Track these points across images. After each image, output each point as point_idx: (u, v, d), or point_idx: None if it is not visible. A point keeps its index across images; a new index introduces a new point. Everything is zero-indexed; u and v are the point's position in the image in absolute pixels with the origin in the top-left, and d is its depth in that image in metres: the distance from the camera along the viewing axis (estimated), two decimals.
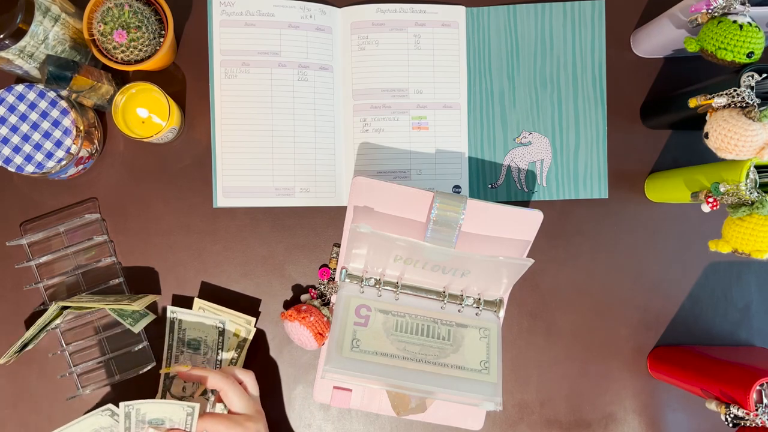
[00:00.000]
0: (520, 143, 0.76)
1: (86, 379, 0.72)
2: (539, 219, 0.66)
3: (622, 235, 0.77)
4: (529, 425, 0.75)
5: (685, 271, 0.77)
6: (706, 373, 0.66)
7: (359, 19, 0.75)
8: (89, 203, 0.73)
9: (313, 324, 0.67)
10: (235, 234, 0.74)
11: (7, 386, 0.72)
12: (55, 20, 0.63)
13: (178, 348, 0.69)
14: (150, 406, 0.58)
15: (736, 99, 0.57)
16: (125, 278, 0.72)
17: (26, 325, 0.72)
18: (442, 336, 0.67)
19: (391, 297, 0.68)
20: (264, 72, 0.74)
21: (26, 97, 0.65)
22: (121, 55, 0.65)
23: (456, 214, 0.64)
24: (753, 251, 0.57)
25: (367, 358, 0.64)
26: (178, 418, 0.59)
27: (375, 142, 0.75)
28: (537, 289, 0.76)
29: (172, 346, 0.69)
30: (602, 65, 0.76)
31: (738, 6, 0.57)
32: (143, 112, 0.68)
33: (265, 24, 0.74)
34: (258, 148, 0.74)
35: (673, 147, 0.77)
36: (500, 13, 0.76)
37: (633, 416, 0.76)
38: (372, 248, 0.65)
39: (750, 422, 0.58)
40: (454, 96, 0.76)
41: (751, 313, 0.77)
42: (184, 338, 0.68)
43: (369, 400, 0.71)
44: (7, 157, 0.64)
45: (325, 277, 0.74)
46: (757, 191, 0.58)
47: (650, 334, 0.76)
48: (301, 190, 0.74)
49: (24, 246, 0.72)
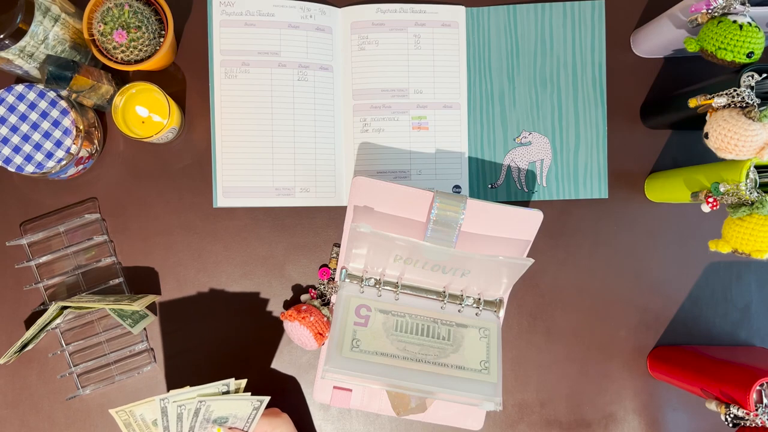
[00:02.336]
0: (520, 143, 0.76)
1: (86, 379, 0.72)
2: (539, 219, 0.66)
3: (621, 235, 0.77)
4: (529, 425, 0.75)
5: (685, 271, 0.77)
6: (706, 373, 0.66)
7: (359, 19, 0.75)
8: (89, 203, 0.73)
9: (313, 324, 0.67)
10: (235, 234, 0.74)
11: (7, 386, 0.72)
12: (55, 20, 0.63)
13: (201, 426, 0.62)
14: (219, 402, 0.59)
15: (736, 99, 0.57)
16: (125, 278, 0.72)
17: (26, 325, 0.72)
18: (442, 336, 0.67)
19: (391, 297, 0.68)
20: (264, 72, 0.74)
21: (26, 97, 0.65)
22: (121, 55, 0.65)
23: (456, 213, 0.64)
24: (753, 251, 0.57)
25: (367, 358, 0.64)
26: (243, 413, 0.60)
27: (375, 142, 0.75)
28: (537, 289, 0.76)
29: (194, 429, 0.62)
30: (602, 65, 0.76)
31: (738, 6, 0.57)
32: (143, 111, 0.68)
33: (265, 24, 0.74)
34: (258, 148, 0.74)
35: (673, 147, 0.77)
36: (500, 13, 0.76)
37: (633, 416, 0.76)
38: (372, 248, 0.65)
39: (750, 422, 0.58)
40: (454, 96, 0.76)
41: (751, 313, 0.77)
42: (209, 417, 0.61)
43: (369, 400, 0.71)
44: (7, 157, 0.64)
45: (325, 277, 0.74)
46: (757, 191, 0.58)
47: (650, 334, 0.76)
48: (301, 190, 0.74)
49: (24, 246, 0.72)
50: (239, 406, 0.60)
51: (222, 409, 0.60)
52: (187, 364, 0.73)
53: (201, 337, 0.73)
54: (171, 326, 0.73)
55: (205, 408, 0.59)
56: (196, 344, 0.73)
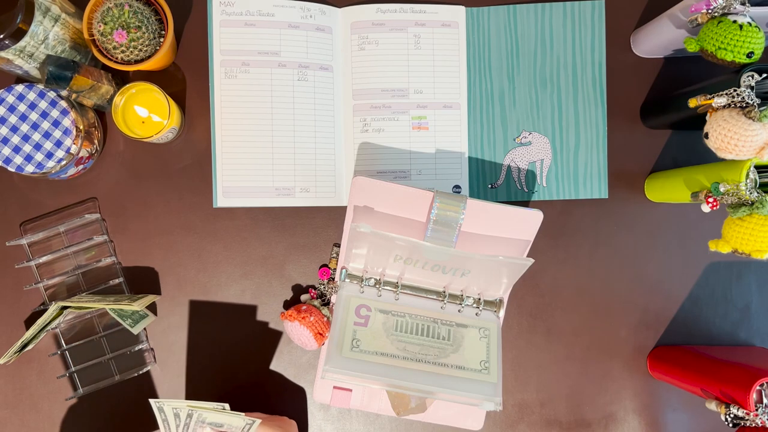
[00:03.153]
0: (520, 143, 0.76)
1: (86, 380, 0.72)
2: (539, 219, 0.66)
3: (622, 235, 0.77)
4: (529, 425, 0.75)
5: (685, 271, 0.77)
6: (706, 373, 0.66)
7: (359, 19, 0.75)
8: (89, 203, 0.73)
9: (313, 324, 0.67)
10: (235, 234, 0.74)
11: (7, 386, 0.72)
12: (55, 20, 0.63)
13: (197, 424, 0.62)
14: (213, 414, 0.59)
15: (736, 99, 0.57)
16: (125, 278, 0.72)
17: (26, 325, 0.72)
18: (442, 336, 0.67)
19: (391, 297, 0.68)
20: (264, 72, 0.74)
21: (26, 97, 0.65)
22: (121, 55, 0.65)
23: (456, 213, 0.64)
24: (753, 251, 0.57)
25: (367, 358, 0.64)
26: (237, 424, 0.60)
27: (375, 142, 0.75)
28: (537, 289, 0.76)
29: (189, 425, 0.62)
30: (602, 65, 0.76)
31: (738, 6, 0.57)
32: (143, 112, 0.68)
33: (265, 24, 0.74)
34: (258, 148, 0.74)
35: (673, 147, 0.77)
36: (500, 13, 0.76)
37: (633, 416, 0.76)
38: (372, 248, 0.65)
39: (750, 422, 0.58)
40: (454, 96, 0.76)
41: (751, 313, 0.77)
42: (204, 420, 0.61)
43: (369, 400, 0.71)
44: (7, 157, 0.64)
45: (325, 277, 0.74)
46: (757, 191, 0.58)
47: (650, 334, 0.76)
48: (301, 190, 0.74)
49: (24, 246, 0.72)
50: (232, 419, 0.60)
51: (216, 418, 0.60)
52: (187, 364, 0.73)
53: (201, 337, 0.73)
54: (171, 326, 0.73)
55: (198, 414, 0.59)
56: (196, 344, 0.73)
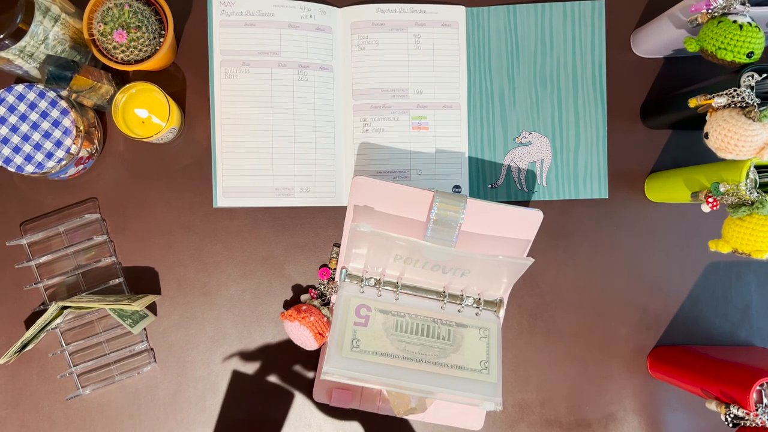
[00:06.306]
0: (520, 143, 0.76)
1: (86, 379, 0.72)
2: (539, 219, 0.66)
3: (622, 235, 0.77)
4: (529, 425, 0.75)
5: (685, 271, 0.77)
6: (706, 373, 0.66)
7: (359, 19, 0.75)
8: (89, 203, 0.73)
9: (313, 324, 0.67)
10: (235, 234, 0.74)
11: (7, 386, 0.72)
12: (55, 20, 0.63)
13: None
14: None
15: (736, 99, 0.57)
16: (125, 278, 0.72)
17: (26, 325, 0.72)
18: (442, 336, 0.67)
19: (391, 297, 0.68)
20: (264, 72, 0.74)
21: (26, 97, 0.65)
22: (121, 55, 0.65)
23: (456, 213, 0.64)
24: (753, 251, 0.57)
25: (367, 358, 0.64)
26: None
27: (375, 142, 0.75)
28: (537, 289, 0.76)
29: None
30: (602, 65, 0.76)
31: (738, 6, 0.57)
32: (143, 112, 0.68)
33: (265, 24, 0.74)
34: (258, 148, 0.74)
35: (673, 147, 0.77)
36: (500, 13, 0.76)
37: (633, 416, 0.76)
38: (372, 248, 0.65)
39: (750, 422, 0.58)
40: (454, 96, 0.76)
41: (751, 313, 0.77)
42: None
43: (369, 400, 0.71)
44: (7, 157, 0.64)
45: (325, 277, 0.74)
46: (757, 191, 0.58)
47: (650, 334, 0.76)
48: (301, 190, 0.74)
49: (24, 246, 0.72)
50: None
51: None
52: (187, 364, 0.73)
53: (201, 337, 0.73)
54: (171, 326, 0.73)
55: None
56: (195, 344, 0.73)
